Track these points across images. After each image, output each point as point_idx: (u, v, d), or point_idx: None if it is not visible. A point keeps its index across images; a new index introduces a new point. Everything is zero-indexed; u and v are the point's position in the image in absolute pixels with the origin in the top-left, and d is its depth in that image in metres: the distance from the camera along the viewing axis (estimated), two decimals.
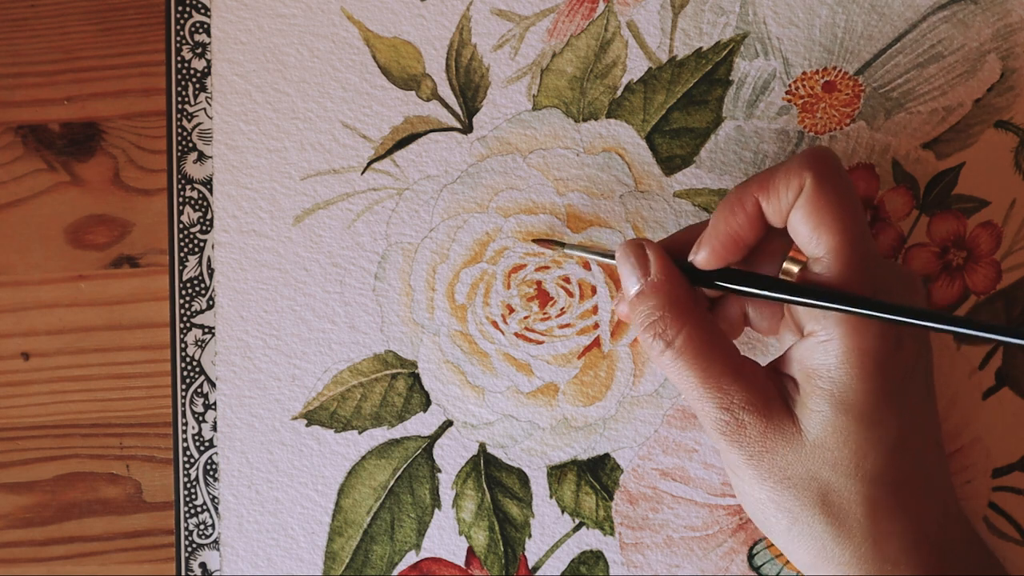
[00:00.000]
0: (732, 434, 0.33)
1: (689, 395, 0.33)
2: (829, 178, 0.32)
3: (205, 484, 0.40)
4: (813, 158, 0.32)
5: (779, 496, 0.32)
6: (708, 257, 0.34)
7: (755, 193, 0.33)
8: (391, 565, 0.40)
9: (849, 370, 0.31)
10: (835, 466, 0.31)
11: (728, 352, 0.33)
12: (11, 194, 0.42)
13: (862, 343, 0.31)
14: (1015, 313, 0.39)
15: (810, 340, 0.32)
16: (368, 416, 0.40)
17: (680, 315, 0.33)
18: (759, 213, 0.33)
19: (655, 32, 0.40)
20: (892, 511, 0.31)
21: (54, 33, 0.42)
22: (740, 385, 0.33)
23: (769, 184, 0.33)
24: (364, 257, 0.41)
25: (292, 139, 0.41)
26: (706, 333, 0.33)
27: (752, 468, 0.33)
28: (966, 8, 0.39)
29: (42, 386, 0.41)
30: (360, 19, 0.41)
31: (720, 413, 0.33)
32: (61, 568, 0.41)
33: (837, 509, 0.32)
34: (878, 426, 0.31)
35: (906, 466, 0.32)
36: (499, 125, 0.41)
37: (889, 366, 0.31)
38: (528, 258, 0.40)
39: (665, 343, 0.33)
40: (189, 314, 0.41)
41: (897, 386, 0.31)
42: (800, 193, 0.32)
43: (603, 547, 0.39)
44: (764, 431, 0.32)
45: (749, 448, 0.32)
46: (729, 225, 0.33)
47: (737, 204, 0.33)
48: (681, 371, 0.33)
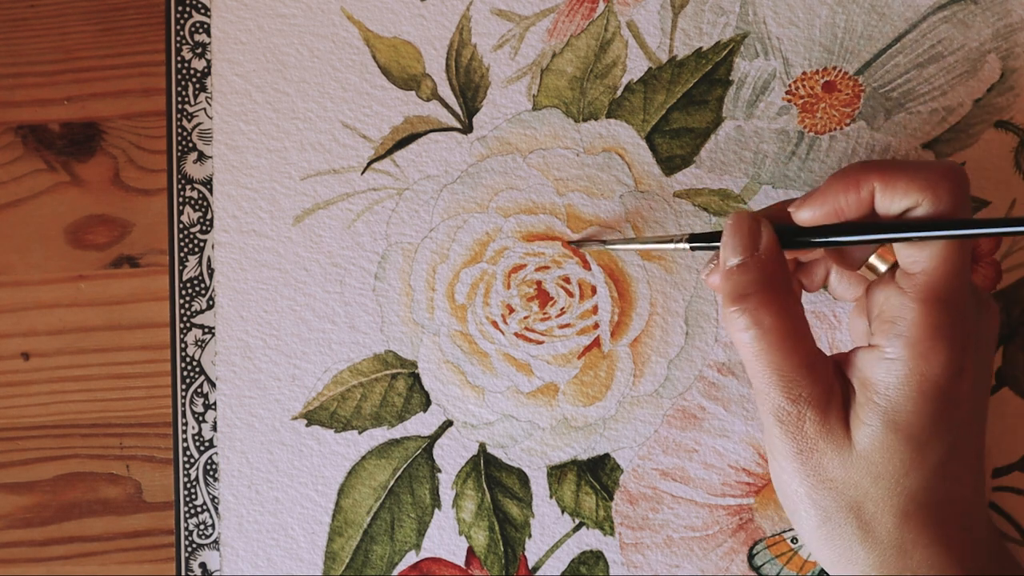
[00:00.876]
0: (791, 425, 0.32)
1: (759, 377, 0.33)
2: (947, 205, 0.31)
3: (205, 484, 0.40)
4: (938, 177, 0.31)
5: (817, 494, 0.33)
6: (809, 218, 0.33)
7: (875, 180, 0.32)
8: (391, 565, 0.40)
9: (908, 393, 0.31)
10: (877, 478, 0.32)
11: (808, 343, 0.33)
12: (11, 194, 0.42)
13: (926, 369, 0.31)
14: (1015, 313, 0.39)
15: (875, 353, 0.32)
16: (368, 416, 0.40)
17: (777, 298, 0.33)
18: (871, 199, 0.32)
19: (655, 32, 0.40)
20: (922, 526, 0.32)
21: (54, 33, 0.42)
22: (811, 379, 0.32)
23: (891, 180, 0.32)
24: (364, 257, 0.41)
25: (292, 139, 0.41)
26: (794, 321, 0.33)
27: (798, 462, 0.33)
28: (966, 8, 0.39)
29: (42, 386, 0.41)
30: (360, 19, 0.41)
31: (785, 403, 0.32)
32: (61, 568, 0.41)
33: (870, 517, 0.32)
34: (925, 448, 0.31)
35: (943, 488, 0.32)
36: (499, 125, 0.41)
37: (947, 394, 0.31)
38: (528, 258, 0.40)
39: (753, 321, 0.33)
40: (189, 314, 0.41)
41: (950, 413, 0.32)
42: (914, 208, 0.31)
43: (603, 547, 0.39)
44: (819, 430, 0.32)
45: (801, 443, 0.32)
46: (839, 201, 0.32)
47: (853, 184, 0.32)
48: (760, 353, 0.33)
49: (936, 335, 0.31)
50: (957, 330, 0.31)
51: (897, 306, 0.32)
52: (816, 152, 0.40)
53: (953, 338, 0.31)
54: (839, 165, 0.39)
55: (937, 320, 0.31)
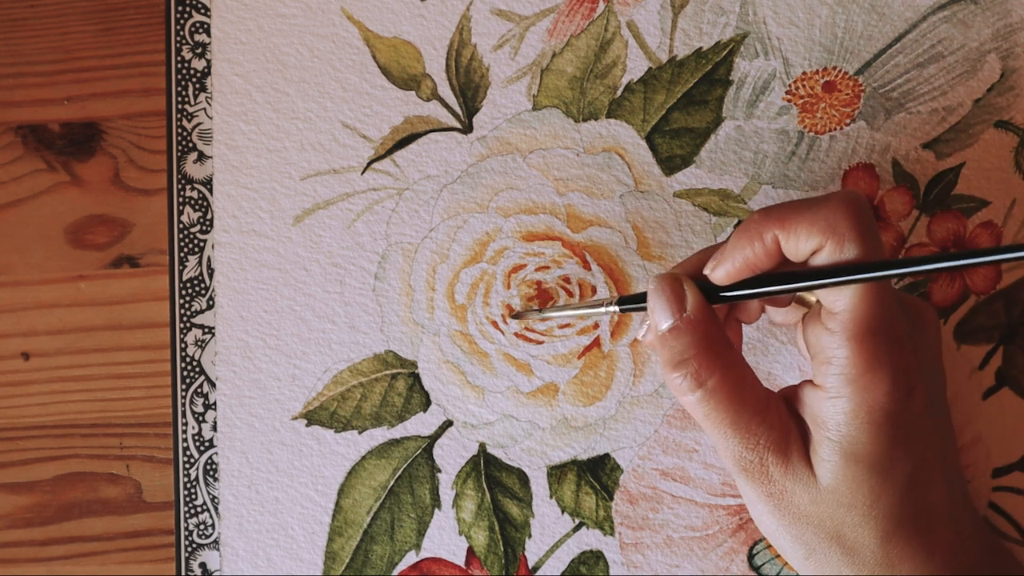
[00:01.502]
0: (754, 473, 0.33)
1: (714, 434, 0.33)
2: (852, 241, 0.31)
3: (205, 484, 0.40)
4: (836, 214, 0.31)
5: (795, 531, 0.33)
6: (724, 276, 0.33)
7: (775, 230, 0.32)
8: (391, 565, 0.40)
9: (859, 425, 0.31)
10: (849, 508, 0.32)
11: (756, 391, 0.33)
12: (11, 194, 0.42)
13: (871, 400, 0.31)
14: (1015, 313, 0.39)
15: (820, 393, 0.32)
16: (368, 416, 0.40)
17: (715, 356, 0.33)
18: (777, 248, 0.32)
19: (655, 32, 0.40)
20: (904, 541, 0.32)
21: (54, 33, 0.42)
22: (766, 425, 0.32)
23: (790, 228, 0.31)
24: (364, 257, 0.41)
25: (292, 139, 0.41)
26: (737, 373, 0.33)
27: (771, 505, 0.33)
28: (966, 8, 0.39)
29: (42, 386, 0.41)
30: (360, 19, 0.41)
31: (746, 453, 0.33)
32: (61, 568, 0.41)
33: (852, 542, 0.32)
34: (889, 472, 0.32)
35: (918, 501, 0.32)
36: (499, 125, 0.41)
37: (899, 417, 0.31)
38: (528, 258, 0.40)
39: (697, 383, 0.33)
40: (189, 314, 0.41)
41: (907, 432, 0.32)
42: (820, 250, 0.31)
43: (603, 547, 0.39)
44: (784, 473, 0.32)
45: (768, 487, 0.33)
46: (746, 254, 0.32)
47: (756, 235, 0.32)
48: (710, 412, 0.33)
49: (874, 367, 0.31)
50: (894, 355, 0.31)
51: (829, 346, 0.31)
52: (816, 152, 0.40)
53: (892, 364, 0.31)
54: (839, 165, 0.39)
55: (871, 352, 0.31)
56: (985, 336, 0.39)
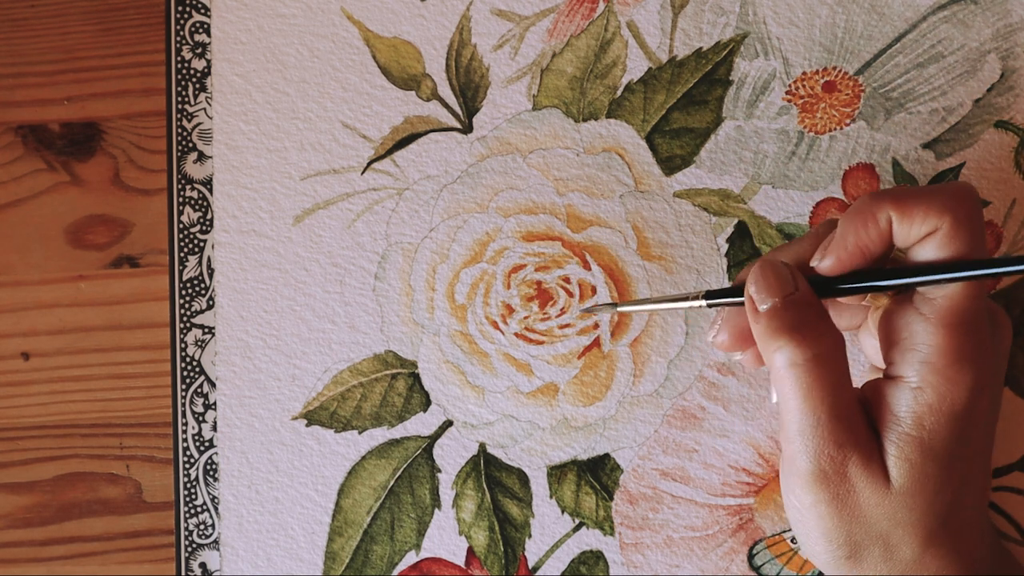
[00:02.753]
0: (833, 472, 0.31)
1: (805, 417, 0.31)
2: (966, 227, 0.30)
3: (205, 484, 0.40)
4: (955, 200, 0.31)
5: (848, 532, 0.32)
6: (833, 265, 0.32)
7: (891, 210, 0.31)
8: (391, 565, 0.40)
9: (939, 419, 0.31)
10: (912, 508, 0.31)
11: (851, 389, 0.32)
12: (11, 194, 0.42)
13: (955, 394, 0.31)
14: (1015, 313, 0.39)
15: (898, 385, 0.31)
16: (368, 416, 0.40)
17: (822, 336, 0.31)
18: (890, 230, 0.31)
19: (655, 32, 0.40)
20: (941, 542, 0.32)
21: (54, 33, 0.42)
22: (855, 423, 0.31)
23: (907, 209, 0.31)
24: (364, 257, 0.41)
25: (292, 139, 0.41)
26: (841, 365, 0.32)
27: (834, 507, 0.32)
28: (966, 8, 0.39)
29: (42, 386, 0.41)
30: (360, 19, 0.41)
31: (832, 448, 0.31)
32: (61, 568, 0.41)
33: (897, 541, 0.32)
34: (951, 467, 0.31)
35: (965, 500, 0.32)
36: (499, 125, 0.41)
37: (970, 414, 0.31)
38: (528, 258, 0.40)
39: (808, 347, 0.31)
40: (189, 314, 0.41)
41: (971, 431, 0.31)
42: (934, 233, 0.31)
43: (603, 547, 0.39)
44: (861, 473, 0.31)
45: (840, 487, 0.31)
46: (859, 237, 0.31)
47: (871, 217, 0.31)
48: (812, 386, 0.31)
49: (962, 359, 0.30)
50: (979, 352, 0.31)
51: (919, 332, 0.31)
52: (816, 152, 0.40)
53: (976, 360, 0.31)
54: (839, 165, 0.39)
55: (961, 344, 0.30)
56: None
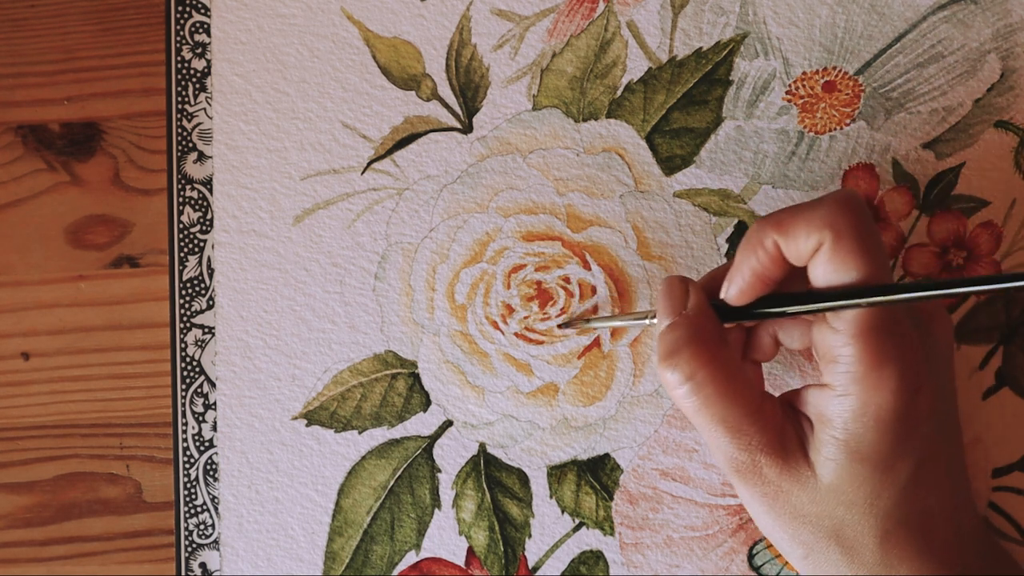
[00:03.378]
0: (747, 474, 0.33)
1: (706, 432, 0.33)
2: (849, 237, 0.31)
3: (205, 484, 0.40)
4: (833, 212, 0.31)
5: (793, 530, 0.33)
6: (737, 294, 0.33)
7: (773, 234, 0.32)
8: (391, 565, 0.40)
9: (866, 423, 0.31)
10: (850, 506, 0.32)
11: (750, 392, 0.33)
12: (11, 194, 0.42)
13: (879, 399, 0.31)
14: (1015, 313, 0.39)
15: (827, 392, 0.32)
16: (368, 416, 0.40)
17: (706, 351, 0.33)
18: (779, 253, 0.32)
19: (655, 32, 0.40)
20: (903, 541, 0.32)
21: (54, 33, 0.42)
22: (759, 426, 0.32)
23: (788, 230, 0.31)
24: (364, 257, 0.41)
25: (292, 139, 0.41)
26: (728, 370, 0.33)
27: (766, 505, 0.33)
28: (966, 8, 0.39)
29: (42, 386, 0.41)
30: (360, 19, 0.41)
31: (737, 453, 0.32)
32: (61, 568, 0.41)
33: (851, 542, 0.32)
34: (891, 471, 0.32)
35: (918, 499, 0.32)
36: (499, 125, 0.41)
37: (905, 416, 0.31)
38: (528, 258, 0.40)
39: (685, 376, 0.33)
40: (189, 314, 0.41)
41: (911, 433, 0.32)
42: (819, 248, 0.31)
43: (603, 547, 0.39)
44: (780, 473, 0.32)
45: (763, 488, 0.33)
46: (752, 264, 0.32)
47: (758, 244, 0.32)
48: (699, 407, 0.33)
49: (880, 364, 0.31)
50: (900, 353, 0.31)
51: (835, 345, 0.31)
52: (816, 152, 0.40)
53: (898, 362, 0.31)
54: (839, 165, 0.39)
55: (877, 350, 0.31)
56: (985, 336, 0.39)
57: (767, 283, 0.33)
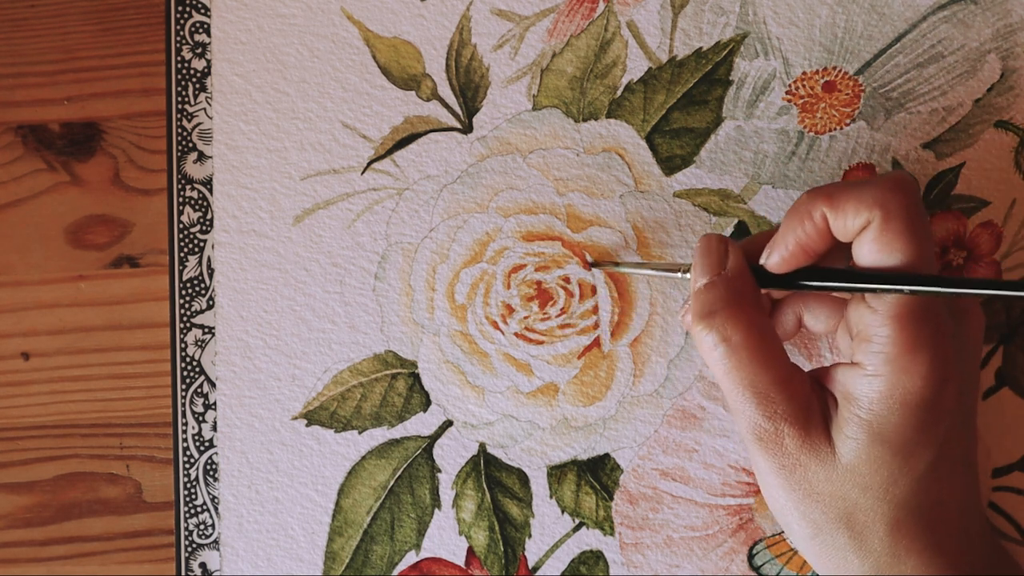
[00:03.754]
0: (769, 442, 0.33)
1: (733, 395, 0.33)
2: (899, 218, 0.31)
3: (205, 484, 0.40)
4: (885, 192, 0.31)
5: (805, 507, 0.33)
6: (779, 262, 0.33)
7: (824, 206, 0.32)
8: (391, 565, 0.40)
9: (891, 406, 0.31)
10: (865, 489, 0.32)
11: (781, 359, 0.33)
12: (11, 194, 0.42)
13: (908, 382, 0.31)
14: (1015, 313, 0.39)
15: (856, 370, 0.32)
16: (368, 416, 0.40)
17: (743, 312, 0.33)
18: (827, 226, 0.32)
19: (655, 32, 0.40)
20: (913, 532, 0.32)
21: (54, 33, 0.42)
22: (786, 395, 0.32)
23: (838, 204, 0.32)
24: (364, 257, 0.41)
25: (292, 139, 0.41)
26: (764, 336, 0.33)
27: (781, 478, 0.33)
28: (966, 8, 0.39)
29: (42, 386, 0.41)
30: (360, 19, 0.41)
31: (762, 420, 0.32)
32: (61, 568, 0.41)
33: (861, 527, 0.32)
34: (910, 457, 0.32)
35: (932, 492, 0.32)
36: (499, 125, 0.41)
37: (931, 405, 0.31)
38: (528, 258, 0.40)
39: (721, 337, 0.33)
40: (189, 314, 0.41)
41: (935, 422, 0.32)
42: (868, 226, 0.31)
43: (603, 547, 0.39)
44: (800, 446, 0.32)
45: (782, 459, 0.33)
46: (797, 235, 0.33)
47: (806, 215, 0.32)
48: (731, 370, 0.33)
49: (914, 349, 0.31)
50: (935, 341, 0.31)
51: (871, 324, 0.31)
52: (816, 152, 0.40)
53: (932, 349, 0.31)
54: (839, 165, 0.39)
55: (913, 334, 0.31)
56: (985, 336, 0.39)
57: (810, 255, 0.33)
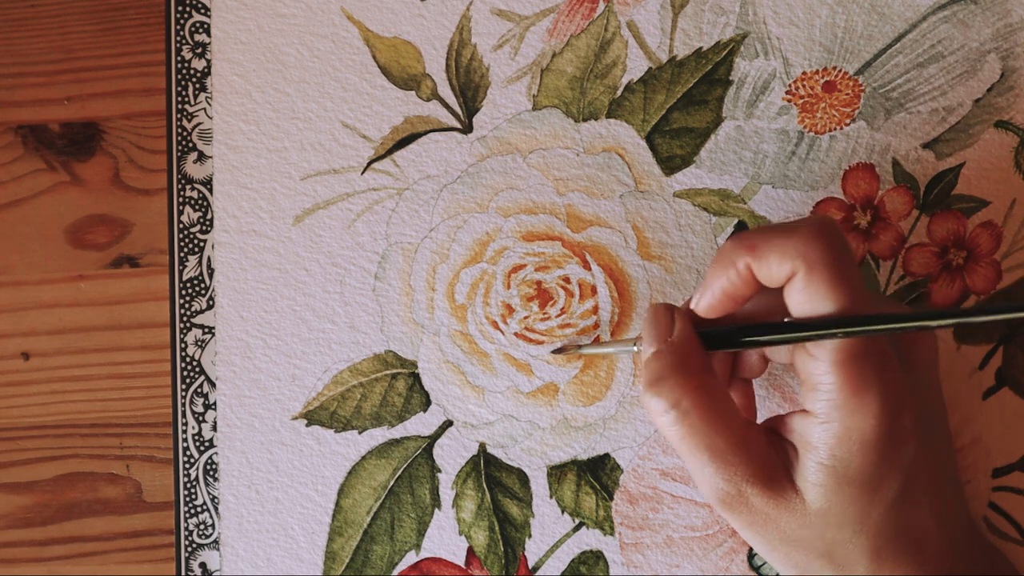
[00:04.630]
0: (734, 504, 0.32)
1: (690, 461, 0.33)
2: (822, 267, 0.31)
3: (205, 484, 0.40)
4: (806, 242, 0.31)
5: (785, 553, 0.33)
6: (706, 308, 0.34)
7: (747, 257, 0.32)
8: (391, 565, 0.40)
9: (850, 447, 0.31)
10: (840, 527, 0.32)
11: (735, 420, 0.33)
12: (11, 194, 0.42)
13: (862, 423, 0.31)
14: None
15: (810, 418, 0.32)
16: (368, 416, 0.40)
17: (691, 377, 0.33)
18: (751, 275, 0.32)
19: (655, 32, 0.40)
20: (895, 555, 0.32)
21: (54, 33, 0.42)
22: (745, 456, 0.32)
23: (761, 255, 0.31)
24: (364, 257, 0.41)
25: (292, 139, 0.41)
26: (714, 399, 0.32)
27: (754, 533, 0.33)
28: (966, 8, 0.39)
29: (42, 386, 0.41)
30: (360, 19, 0.41)
31: (724, 484, 0.32)
32: (61, 568, 0.41)
33: (843, 559, 0.32)
34: (878, 489, 0.31)
35: (907, 514, 0.32)
36: (499, 125, 0.41)
37: (889, 437, 0.31)
38: (528, 258, 0.40)
39: (670, 403, 0.32)
40: (189, 314, 0.41)
41: (896, 451, 0.31)
42: (793, 276, 0.31)
43: (603, 547, 0.39)
44: (767, 502, 0.32)
45: (751, 517, 0.32)
46: (722, 283, 0.33)
47: (730, 263, 0.32)
48: (684, 436, 0.32)
49: (860, 390, 0.30)
50: (880, 377, 0.31)
51: (815, 372, 0.31)
52: (816, 152, 0.40)
53: (878, 386, 0.31)
54: (839, 165, 0.39)
55: (857, 376, 0.31)
56: (985, 336, 0.39)
57: (737, 301, 0.33)
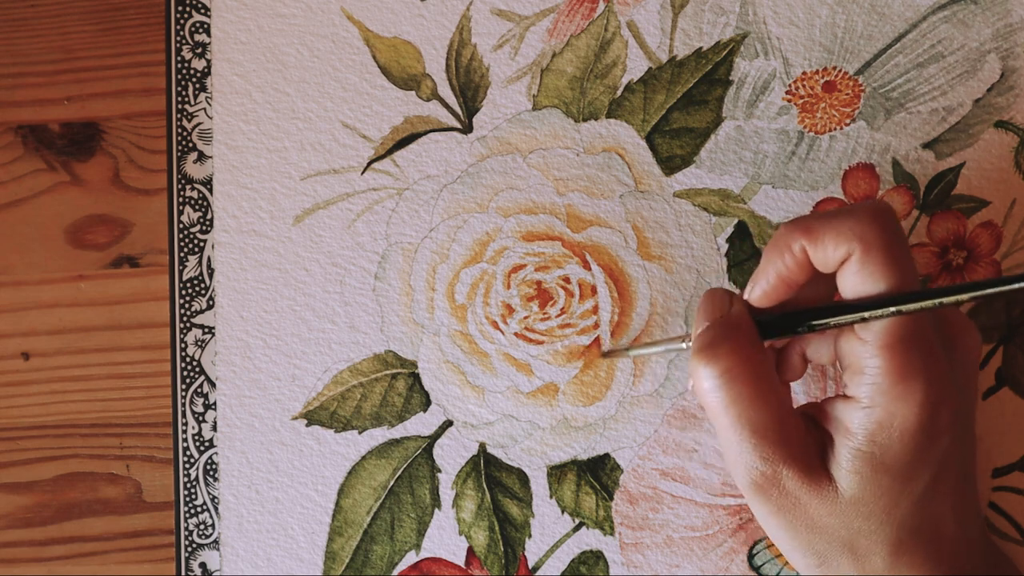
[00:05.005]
0: (767, 487, 0.32)
1: (728, 433, 0.32)
2: (879, 248, 0.31)
3: (205, 484, 0.40)
4: (864, 223, 0.31)
5: (809, 541, 0.33)
6: (761, 295, 0.33)
7: (802, 240, 0.32)
8: (391, 565, 0.40)
9: (890, 435, 0.31)
10: (868, 516, 0.32)
11: (779, 401, 0.32)
12: (11, 194, 0.42)
13: (904, 411, 0.31)
14: (1015, 313, 0.39)
15: (852, 404, 0.32)
16: (368, 416, 0.40)
17: (744, 348, 0.32)
18: (807, 258, 0.32)
19: (655, 32, 0.40)
20: (914, 549, 0.32)
21: (54, 33, 0.42)
22: (783, 436, 0.32)
23: (817, 237, 0.31)
24: (364, 257, 0.41)
25: (292, 139, 0.41)
26: (763, 375, 0.32)
27: (782, 518, 0.33)
28: (966, 8, 0.39)
29: (42, 386, 0.41)
30: (360, 19, 0.41)
31: (760, 464, 0.32)
32: (61, 568, 0.41)
33: (864, 551, 0.32)
34: (911, 480, 0.32)
35: (932, 509, 0.32)
36: (499, 125, 0.41)
37: (928, 428, 0.31)
38: (528, 258, 0.40)
39: (720, 369, 0.32)
40: (189, 314, 0.41)
41: (932, 444, 0.31)
42: (849, 258, 0.31)
43: (603, 547, 0.39)
44: (801, 486, 0.32)
45: (781, 501, 0.32)
46: (778, 268, 0.32)
47: (785, 248, 0.32)
48: (728, 405, 0.32)
49: (907, 377, 0.31)
50: (927, 366, 0.31)
51: (862, 356, 0.31)
52: (816, 152, 0.40)
53: (924, 374, 0.31)
54: (839, 165, 0.39)
55: (904, 362, 0.31)
56: (985, 336, 0.39)
57: (791, 287, 0.33)
